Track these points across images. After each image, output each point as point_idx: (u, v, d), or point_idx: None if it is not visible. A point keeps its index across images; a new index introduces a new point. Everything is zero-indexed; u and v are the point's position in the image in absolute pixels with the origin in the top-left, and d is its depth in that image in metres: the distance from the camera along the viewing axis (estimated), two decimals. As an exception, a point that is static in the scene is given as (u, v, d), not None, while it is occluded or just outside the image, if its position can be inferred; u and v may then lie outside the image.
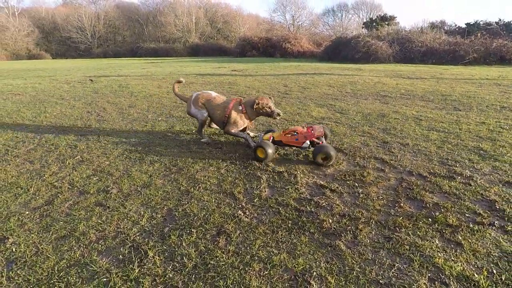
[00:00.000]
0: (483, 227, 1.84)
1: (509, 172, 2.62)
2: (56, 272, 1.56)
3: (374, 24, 28.83)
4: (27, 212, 2.10)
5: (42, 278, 1.52)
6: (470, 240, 1.72)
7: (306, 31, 40.90)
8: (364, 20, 37.77)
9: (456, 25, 27.46)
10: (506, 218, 1.93)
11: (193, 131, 3.97)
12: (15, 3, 46.28)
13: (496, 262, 1.55)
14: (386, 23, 28.02)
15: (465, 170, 2.66)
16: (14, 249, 1.73)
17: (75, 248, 1.73)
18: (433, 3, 70.28)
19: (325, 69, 12.69)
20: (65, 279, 1.51)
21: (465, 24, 26.09)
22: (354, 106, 5.41)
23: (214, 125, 3.96)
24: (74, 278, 1.51)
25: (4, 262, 1.63)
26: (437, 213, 1.99)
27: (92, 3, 49.58)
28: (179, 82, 4.14)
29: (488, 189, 2.32)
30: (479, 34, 18.18)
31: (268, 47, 28.47)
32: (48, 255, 1.67)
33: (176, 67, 15.30)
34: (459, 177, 2.52)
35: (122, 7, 48.39)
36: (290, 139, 2.99)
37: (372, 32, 22.30)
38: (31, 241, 1.80)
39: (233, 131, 3.39)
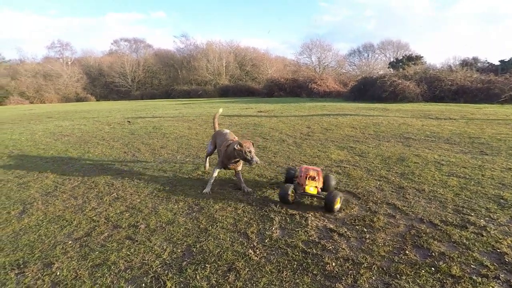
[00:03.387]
0: (487, 280, 1.87)
1: (526, 222, 2.60)
2: (89, 297, 1.82)
3: (400, 64, 29.04)
4: (70, 242, 2.44)
5: (77, 301, 1.78)
6: (470, 291, 1.77)
7: (332, 71, 41.85)
8: (391, 59, 38.19)
9: (488, 63, 26.98)
10: (513, 271, 1.95)
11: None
12: (69, 54, 52.45)
13: (492, 313, 1.60)
14: (413, 62, 28.12)
15: (480, 220, 2.67)
16: (58, 273, 2.04)
17: (106, 275, 2.00)
18: (461, 41, 69.89)
19: (350, 110, 12.88)
20: (96, 304, 1.76)
21: (499, 61, 25.61)
22: (374, 149, 5.50)
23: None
24: (104, 303, 1.76)
25: (50, 284, 1.94)
26: (441, 263, 2.05)
27: (134, 52, 55.17)
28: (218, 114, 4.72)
29: (500, 240, 2.33)
30: (514, 71, 17.70)
31: (294, 88, 29.32)
32: (85, 280, 1.96)
33: (206, 108, 16.24)
34: (471, 227, 2.55)
35: (159, 54, 53.04)
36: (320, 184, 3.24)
37: (399, 72, 22.41)
38: (71, 267, 2.10)
39: (217, 170, 3.66)
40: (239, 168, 3.67)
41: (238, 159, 3.54)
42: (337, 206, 2.89)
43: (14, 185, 3.90)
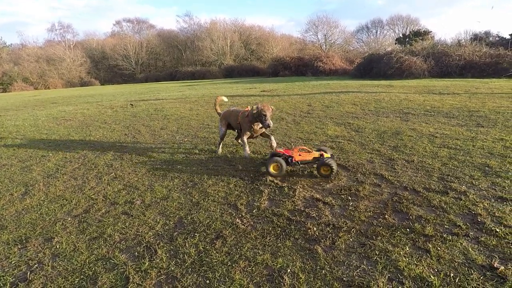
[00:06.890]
0: (457, 237, 1.98)
1: (507, 188, 2.67)
2: (87, 264, 1.98)
3: (408, 39, 28.25)
4: (69, 219, 2.60)
5: (76, 268, 1.95)
6: (439, 248, 1.88)
7: (339, 49, 40.96)
8: (400, 35, 37.08)
9: (499, 37, 26.02)
10: (483, 230, 2.05)
11: (213, 149, 4.39)
12: (71, 37, 52.01)
13: (456, 267, 1.71)
14: (420, 38, 27.30)
15: (462, 186, 2.75)
16: (58, 246, 2.20)
17: (102, 246, 2.16)
18: (474, 15, 66.95)
19: (354, 87, 12.72)
20: (93, 269, 1.92)
21: (510, 34, 24.66)
22: (371, 124, 5.53)
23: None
24: (100, 269, 1.92)
25: (50, 256, 2.10)
26: (416, 224, 2.15)
27: (137, 33, 54.46)
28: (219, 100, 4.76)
29: (477, 203, 2.42)
30: (525, 45, 17.16)
31: (300, 66, 28.90)
32: (82, 251, 2.11)
33: (210, 89, 16.21)
34: (452, 192, 2.64)
35: (162, 35, 52.24)
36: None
37: (406, 48, 21.85)
38: (70, 240, 2.26)
39: (244, 138, 3.94)
40: (263, 130, 3.95)
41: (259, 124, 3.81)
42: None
43: (17, 169, 4.07)
